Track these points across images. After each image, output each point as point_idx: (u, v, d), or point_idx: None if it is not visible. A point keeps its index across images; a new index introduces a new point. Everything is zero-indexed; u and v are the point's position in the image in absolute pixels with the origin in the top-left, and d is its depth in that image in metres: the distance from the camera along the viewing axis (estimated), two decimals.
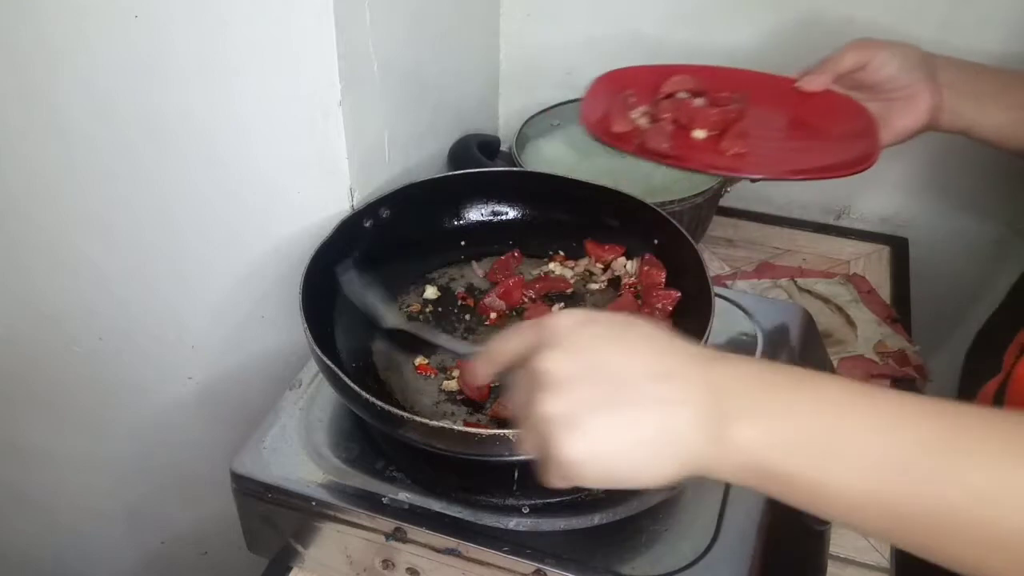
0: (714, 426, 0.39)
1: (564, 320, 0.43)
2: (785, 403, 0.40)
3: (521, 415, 0.43)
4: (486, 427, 0.62)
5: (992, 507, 0.35)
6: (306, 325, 0.60)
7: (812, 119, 0.77)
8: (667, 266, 0.73)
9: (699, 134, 0.76)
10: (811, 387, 0.40)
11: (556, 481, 0.42)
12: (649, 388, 0.40)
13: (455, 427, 0.58)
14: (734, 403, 0.39)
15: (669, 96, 0.79)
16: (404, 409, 0.61)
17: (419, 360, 0.69)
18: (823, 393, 0.40)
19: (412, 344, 0.70)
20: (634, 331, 0.43)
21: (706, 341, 0.60)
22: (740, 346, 0.71)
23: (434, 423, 0.54)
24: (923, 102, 0.71)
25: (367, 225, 0.73)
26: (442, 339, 0.67)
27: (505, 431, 0.52)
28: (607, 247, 0.77)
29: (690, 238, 0.69)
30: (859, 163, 0.70)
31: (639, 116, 0.78)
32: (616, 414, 0.40)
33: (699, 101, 0.78)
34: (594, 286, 0.75)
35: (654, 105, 0.79)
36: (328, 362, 0.58)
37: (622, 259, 0.76)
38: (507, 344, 0.45)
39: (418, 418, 0.55)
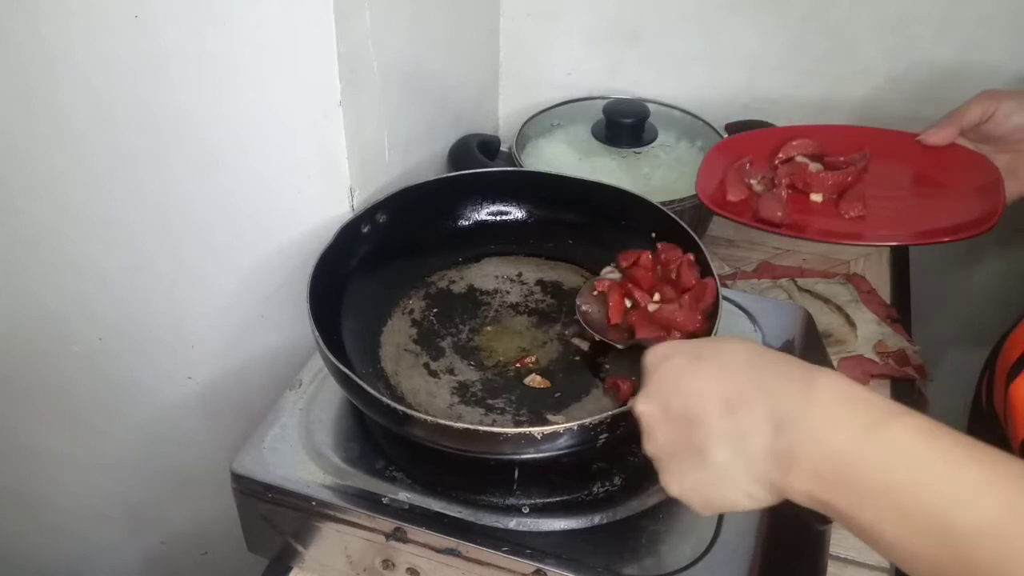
0: (778, 458, 0.42)
1: (649, 358, 0.49)
2: (849, 453, 0.40)
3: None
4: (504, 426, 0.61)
5: None
6: (317, 333, 0.60)
7: (936, 174, 0.76)
8: None
9: (816, 198, 0.76)
10: (881, 432, 0.39)
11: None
12: (716, 424, 0.44)
13: (491, 429, 0.55)
14: (796, 440, 0.41)
15: (787, 161, 0.79)
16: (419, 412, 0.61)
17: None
18: (895, 441, 0.39)
19: (422, 346, 0.70)
20: (710, 357, 0.47)
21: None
22: None
23: (474, 427, 0.55)
24: None
25: (368, 227, 0.73)
26: None
27: (530, 429, 0.53)
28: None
29: (695, 237, 0.68)
30: (982, 222, 0.69)
31: (756, 183, 0.78)
32: (693, 455, 0.45)
33: (815, 166, 0.77)
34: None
35: (771, 170, 0.79)
36: (344, 370, 0.57)
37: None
38: None
39: (456, 424, 0.54)
